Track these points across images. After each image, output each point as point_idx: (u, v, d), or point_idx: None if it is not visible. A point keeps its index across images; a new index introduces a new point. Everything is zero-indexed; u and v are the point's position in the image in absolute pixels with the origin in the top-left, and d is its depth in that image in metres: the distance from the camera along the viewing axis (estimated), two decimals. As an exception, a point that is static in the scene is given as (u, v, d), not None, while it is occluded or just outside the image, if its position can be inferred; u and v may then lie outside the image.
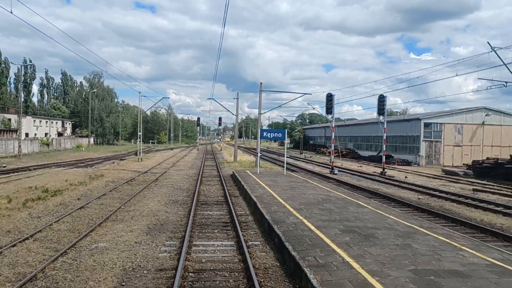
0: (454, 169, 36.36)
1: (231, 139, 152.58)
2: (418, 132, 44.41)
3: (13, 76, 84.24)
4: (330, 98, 31.23)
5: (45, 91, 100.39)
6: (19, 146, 41.68)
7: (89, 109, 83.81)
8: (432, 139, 44.56)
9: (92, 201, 15.49)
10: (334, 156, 47.76)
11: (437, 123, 44.76)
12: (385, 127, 31.59)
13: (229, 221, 12.54)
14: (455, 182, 27.47)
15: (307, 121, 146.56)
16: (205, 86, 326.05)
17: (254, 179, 21.82)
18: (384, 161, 33.67)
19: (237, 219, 12.33)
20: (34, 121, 75.63)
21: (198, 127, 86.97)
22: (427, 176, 31.44)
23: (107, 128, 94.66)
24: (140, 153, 40.98)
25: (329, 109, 31.62)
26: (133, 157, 45.75)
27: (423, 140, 44.22)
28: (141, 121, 42.14)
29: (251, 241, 10.07)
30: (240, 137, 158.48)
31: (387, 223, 10.71)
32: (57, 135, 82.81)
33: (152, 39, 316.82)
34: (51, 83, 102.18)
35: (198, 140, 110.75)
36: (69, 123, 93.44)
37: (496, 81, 22.13)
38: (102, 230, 10.88)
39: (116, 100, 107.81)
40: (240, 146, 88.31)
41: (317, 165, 41.27)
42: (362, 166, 39.67)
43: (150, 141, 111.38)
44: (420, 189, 22.55)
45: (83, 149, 65.04)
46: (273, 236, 9.96)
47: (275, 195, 15.62)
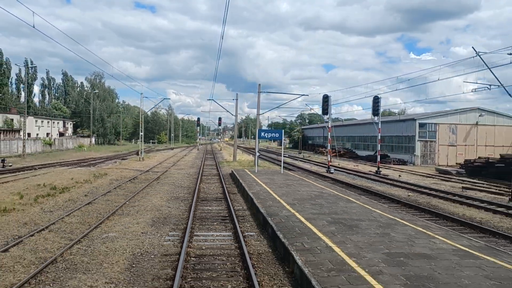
0: (447, 168, 37.35)
1: (231, 139, 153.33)
2: (413, 132, 45.44)
3: (14, 77, 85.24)
4: (326, 99, 32.20)
5: (46, 91, 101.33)
6: (23, 146, 42.68)
7: (90, 110, 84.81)
8: (427, 139, 45.58)
9: (99, 197, 16.47)
10: (332, 156, 48.81)
11: (431, 123, 45.79)
12: (379, 127, 32.58)
13: (227, 215, 13.52)
14: (446, 181, 28.46)
15: (307, 121, 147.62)
16: (205, 86, 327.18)
17: (252, 177, 22.79)
18: (380, 160, 34.66)
19: (235, 213, 13.30)
20: (36, 121, 76.52)
21: (198, 127, 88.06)
22: (420, 175, 32.43)
23: (108, 128, 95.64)
24: (142, 152, 41.96)
25: (325, 110, 32.59)
26: (135, 156, 46.74)
27: (418, 140, 45.24)
28: (142, 122, 43.11)
29: (247, 232, 11.05)
30: (240, 137, 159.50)
31: (372, 216, 11.68)
32: (58, 135, 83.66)
33: (152, 39, 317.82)
34: (52, 83, 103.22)
35: (198, 140, 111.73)
36: (70, 123, 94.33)
37: (481, 84, 23.09)
38: (110, 223, 11.86)
39: (117, 100, 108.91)
40: (239, 146, 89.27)
41: (314, 164, 42.24)
42: (358, 166, 40.64)
43: (151, 141, 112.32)
44: (412, 187, 23.54)
45: (85, 149, 66.06)
46: (267, 227, 10.93)
47: (271, 191, 16.59)
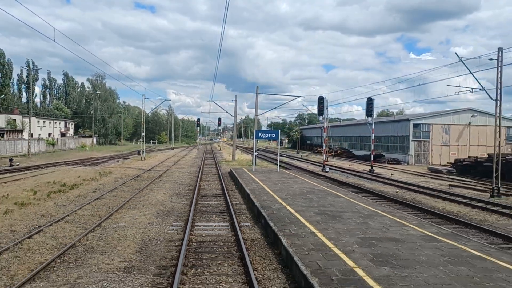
0: (439, 167, 38.59)
1: (230, 139, 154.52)
2: (408, 133, 46.68)
3: (15, 77, 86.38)
4: (321, 101, 33.40)
5: (47, 92, 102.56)
6: (28, 146, 43.91)
7: (92, 111, 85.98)
8: (421, 139, 46.82)
9: (106, 193, 17.70)
10: (329, 155, 50.08)
11: (425, 123, 47.04)
12: (373, 127, 33.80)
13: (225, 208, 14.75)
14: (436, 179, 29.70)
15: (306, 121, 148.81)
16: (205, 86, 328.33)
17: (249, 175, 24.03)
18: (375, 160, 35.97)
19: (232, 207, 14.53)
20: (38, 121, 77.72)
21: (198, 127, 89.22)
22: (412, 174, 33.66)
23: (109, 128, 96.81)
24: (143, 152, 43.18)
25: (320, 111, 33.78)
26: (136, 156, 47.99)
27: (412, 140, 46.48)
28: (144, 123, 44.33)
29: (242, 222, 12.29)
30: (240, 137, 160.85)
31: (355, 208, 12.92)
32: (60, 135, 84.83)
33: (152, 39, 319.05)
34: (53, 84, 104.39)
35: (198, 140, 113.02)
36: (72, 124, 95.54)
37: (463, 87, 24.31)
38: (119, 215, 13.09)
39: (117, 101, 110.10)
40: (239, 146, 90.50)
41: (311, 163, 43.45)
42: (353, 165, 41.87)
43: (151, 141, 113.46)
44: (401, 184, 24.77)
45: (87, 148, 67.30)
46: (260, 218, 12.16)
47: (266, 188, 17.83)
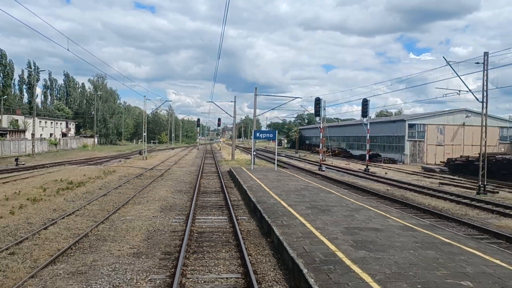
0: (433, 166, 39.62)
1: (230, 139, 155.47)
2: (403, 133, 47.70)
3: (17, 78, 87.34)
4: (318, 102, 34.47)
5: (48, 92, 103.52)
6: (32, 146, 44.95)
7: (94, 111, 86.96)
8: (416, 139, 47.85)
9: (111, 190, 18.72)
10: (326, 155, 51.11)
11: (420, 124, 48.07)
12: (368, 128, 34.83)
13: (224, 204, 15.77)
14: (428, 178, 30.72)
15: (306, 121, 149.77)
16: (205, 86, 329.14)
17: (247, 174, 25.05)
18: (372, 159, 37.02)
19: (231, 203, 15.54)
20: (39, 122, 78.66)
21: (198, 127, 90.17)
22: (406, 173, 34.69)
23: (110, 128, 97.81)
24: (145, 152, 44.20)
25: (317, 112, 34.89)
26: (138, 156, 49.03)
27: (407, 140, 47.51)
28: (145, 123, 45.35)
29: (240, 216, 13.30)
30: (240, 137, 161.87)
31: (344, 203, 13.93)
32: (61, 135, 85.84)
33: (152, 39, 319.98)
34: (54, 84, 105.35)
35: (198, 140, 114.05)
36: (73, 124, 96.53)
37: (450, 89, 25.35)
38: (125, 209, 14.11)
39: (118, 101, 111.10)
40: (238, 146, 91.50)
41: (308, 163, 44.46)
42: (349, 164, 42.88)
43: (152, 141, 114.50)
44: (393, 182, 25.79)
45: (89, 148, 68.35)
46: (256, 212, 13.17)
47: (263, 185, 18.85)
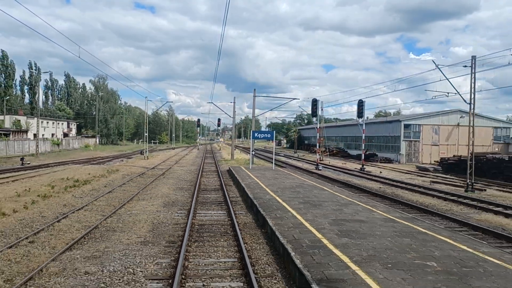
0: (427, 165, 40.60)
1: (230, 139, 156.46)
2: (399, 133, 48.69)
3: (18, 78, 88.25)
4: (315, 103, 35.42)
5: (49, 93, 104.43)
6: (36, 146, 45.93)
7: (96, 111, 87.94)
8: (412, 139, 48.85)
9: (116, 188, 19.69)
10: (324, 155, 52.09)
11: (416, 124, 49.07)
12: (363, 128, 35.81)
13: (223, 200, 16.75)
14: (421, 176, 31.70)
15: (305, 121, 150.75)
16: (205, 87, 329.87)
17: (246, 173, 26.03)
18: (368, 159, 38.04)
19: (229, 199, 16.51)
20: (41, 122, 79.60)
21: (198, 127, 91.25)
22: (400, 172, 35.67)
23: (111, 129, 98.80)
24: (146, 152, 45.18)
25: (314, 113, 35.82)
26: (139, 155, 49.98)
27: (403, 140, 48.50)
28: (147, 124, 46.33)
29: (237, 211, 14.27)
30: (239, 137, 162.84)
31: (336, 199, 14.91)
32: (62, 135, 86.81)
33: (152, 39, 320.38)
34: (55, 85, 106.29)
35: (198, 140, 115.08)
36: (74, 124, 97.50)
37: (439, 92, 26.31)
38: (131, 205, 15.08)
39: (119, 102, 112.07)
40: (238, 146, 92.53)
41: (306, 162, 45.43)
42: (346, 164, 43.85)
43: (152, 141, 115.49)
44: (386, 181, 26.76)
45: (91, 148, 69.36)
46: (253, 208, 14.14)
47: (260, 183, 19.83)
